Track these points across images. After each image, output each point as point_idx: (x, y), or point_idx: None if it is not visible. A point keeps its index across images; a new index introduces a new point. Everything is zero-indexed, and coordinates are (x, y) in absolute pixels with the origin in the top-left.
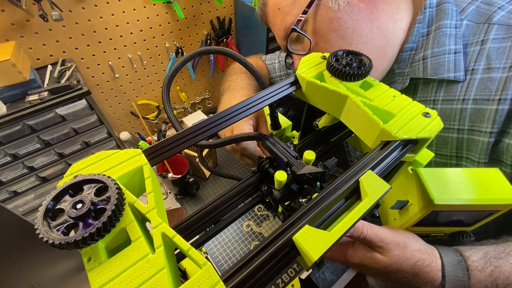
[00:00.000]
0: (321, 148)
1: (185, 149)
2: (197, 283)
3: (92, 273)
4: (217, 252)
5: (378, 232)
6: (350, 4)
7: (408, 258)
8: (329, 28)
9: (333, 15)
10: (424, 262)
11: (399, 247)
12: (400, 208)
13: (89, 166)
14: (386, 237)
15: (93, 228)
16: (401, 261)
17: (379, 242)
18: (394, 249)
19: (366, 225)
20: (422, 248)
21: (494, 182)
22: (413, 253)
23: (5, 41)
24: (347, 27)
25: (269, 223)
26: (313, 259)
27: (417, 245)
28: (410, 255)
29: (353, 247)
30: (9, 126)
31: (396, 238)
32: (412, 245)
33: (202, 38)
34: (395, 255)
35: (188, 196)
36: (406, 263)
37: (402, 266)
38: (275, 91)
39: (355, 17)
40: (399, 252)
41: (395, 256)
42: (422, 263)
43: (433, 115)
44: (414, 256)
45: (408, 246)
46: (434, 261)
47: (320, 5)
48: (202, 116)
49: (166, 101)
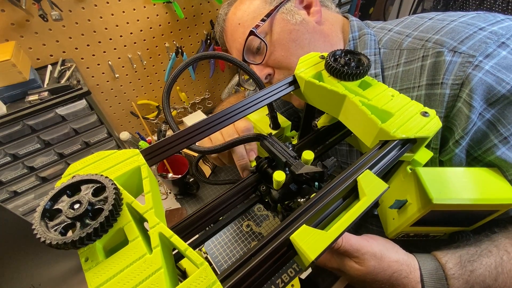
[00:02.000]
0: (320, 148)
1: (184, 149)
2: (194, 283)
3: (89, 273)
4: (217, 252)
5: (354, 242)
6: (305, 20)
7: (384, 269)
8: (289, 38)
9: (291, 27)
10: (402, 273)
11: (375, 257)
12: (399, 207)
13: (87, 166)
14: (362, 247)
15: (90, 228)
16: (377, 271)
17: (354, 252)
18: (370, 259)
19: (342, 236)
20: (401, 259)
21: (493, 182)
22: (390, 264)
23: (5, 41)
24: (304, 38)
25: (269, 223)
26: (310, 259)
27: (395, 256)
28: (386, 266)
29: (330, 252)
30: (9, 126)
31: (373, 248)
32: (389, 256)
33: (202, 38)
34: (371, 265)
35: (188, 196)
36: (382, 274)
37: (377, 276)
38: (274, 91)
39: (311, 30)
40: (375, 262)
41: (370, 266)
42: (399, 275)
43: (431, 115)
44: (391, 267)
45: (385, 257)
46: (412, 272)
47: (278, 18)
48: (202, 116)
49: (166, 103)
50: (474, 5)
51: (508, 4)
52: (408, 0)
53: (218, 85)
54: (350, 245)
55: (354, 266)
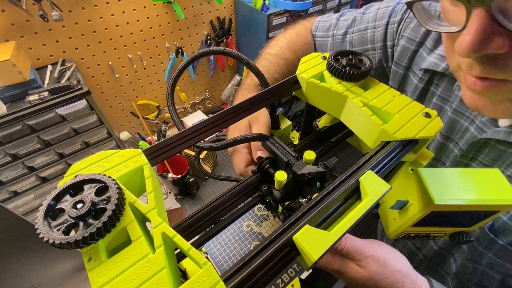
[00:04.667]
0: (321, 148)
1: (185, 149)
2: (197, 283)
3: (92, 273)
4: (217, 252)
5: (358, 245)
6: None
7: (386, 276)
8: None
9: None
10: (404, 285)
11: (378, 263)
12: (400, 208)
13: (89, 166)
14: (365, 250)
15: (93, 227)
16: (379, 277)
17: (357, 255)
18: (372, 263)
19: (346, 237)
20: (405, 270)
21: (494, 182)
22: (393, 273)
23: (5, 41)
24: None
25: (269, 223)
26: (313, 259)
27: (399, 265)
28: (389, 273)
29: (332, 253)
30: (9, 126)
31: (376, 253)
32: (393, 264)
33: (202, 38)
34: (373, 270)
35: (188, 196)
36: (383, 281)
37: (378, 283)
38: (275, 91)
39: None
40: (377, 267)
41: (372, 271)
42: (402, 286)
43: (433, 115)
44: (394, 276)
45: (388, 264)
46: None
47: None
48: (202, 116)
49: (170, 98)
50: None
51: None
52: None
53: (218, 85)
54: (353, 247)
55: (356, 268)
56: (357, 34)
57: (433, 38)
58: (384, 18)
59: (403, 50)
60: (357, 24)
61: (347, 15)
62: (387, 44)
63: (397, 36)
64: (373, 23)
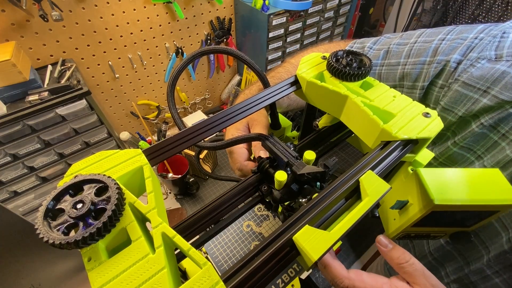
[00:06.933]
0: (321, 148)
1: (185, 149)
2: (197, 283)
3: (92, 273)
4: (217, 252)
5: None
6: None
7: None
8: None
9: None
10: None
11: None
12: (400, 208)
13: (89, 166)
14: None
15: (93, 228)
16: None
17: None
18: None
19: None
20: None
21: (494, 182)
22: None
23: (5, 41)
24: None
25: (269, 223)
26: (314, 259)
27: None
28: None
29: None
30: (9, 126)
31: None
32: None
33: (202, 38)
34: None
35: (188, 196)
36: None
37: None
38: (275, 91)
39: None
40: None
41: None
42: None
43: (433, 115)
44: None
45: None
46: None
47: None
48: (202, 116)
49: (170, 96)
50: (474, 5)
51: (508, 4)
52: (408, 0)
53: (218, 85)
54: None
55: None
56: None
57: None
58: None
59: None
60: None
61: (381, 43)
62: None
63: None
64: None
